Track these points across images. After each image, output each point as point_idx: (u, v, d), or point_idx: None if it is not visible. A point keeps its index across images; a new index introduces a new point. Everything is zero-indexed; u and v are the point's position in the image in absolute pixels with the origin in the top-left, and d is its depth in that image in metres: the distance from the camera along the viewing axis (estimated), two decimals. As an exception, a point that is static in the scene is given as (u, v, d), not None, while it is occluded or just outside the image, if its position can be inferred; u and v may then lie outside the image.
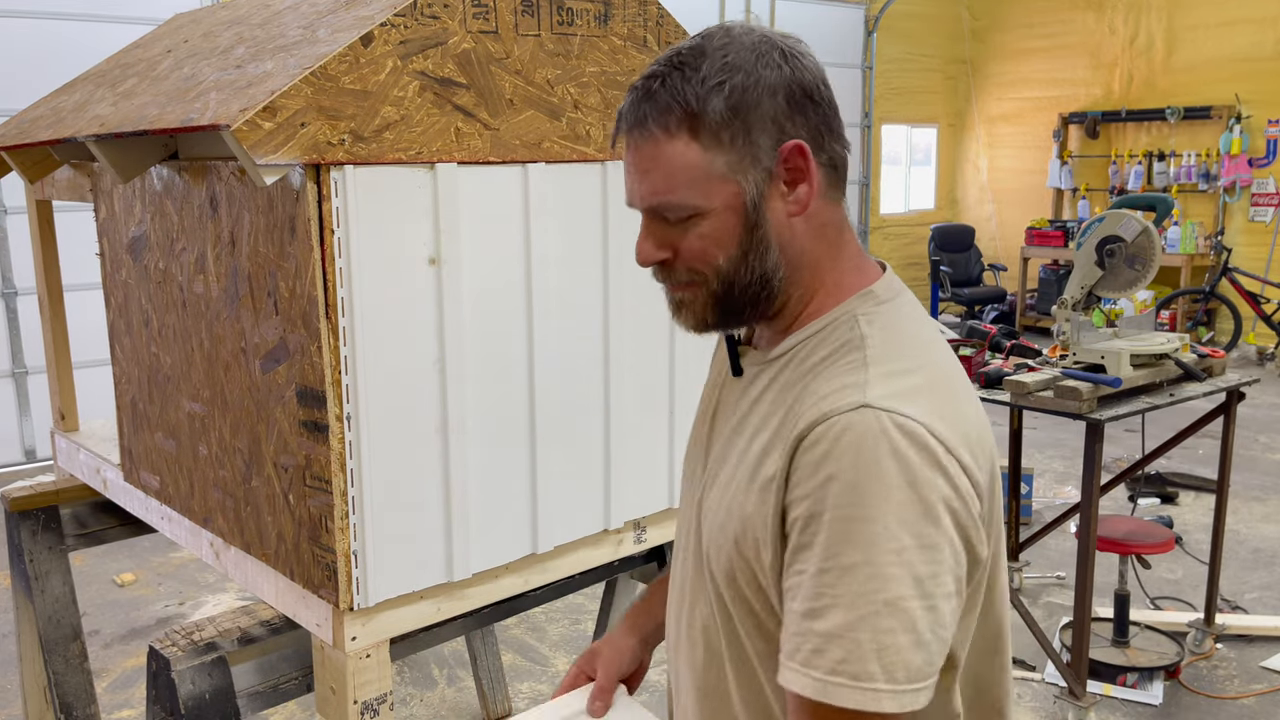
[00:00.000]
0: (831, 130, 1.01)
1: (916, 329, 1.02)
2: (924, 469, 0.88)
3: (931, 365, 0.98)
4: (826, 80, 1.01)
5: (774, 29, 1.02)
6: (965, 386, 1.00)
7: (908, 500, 0.87)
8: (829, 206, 1.02)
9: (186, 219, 1.83)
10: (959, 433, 0.92)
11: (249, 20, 2.04)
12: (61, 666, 2.57)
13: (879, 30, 10.26)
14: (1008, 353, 3.51)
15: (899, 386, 0.92)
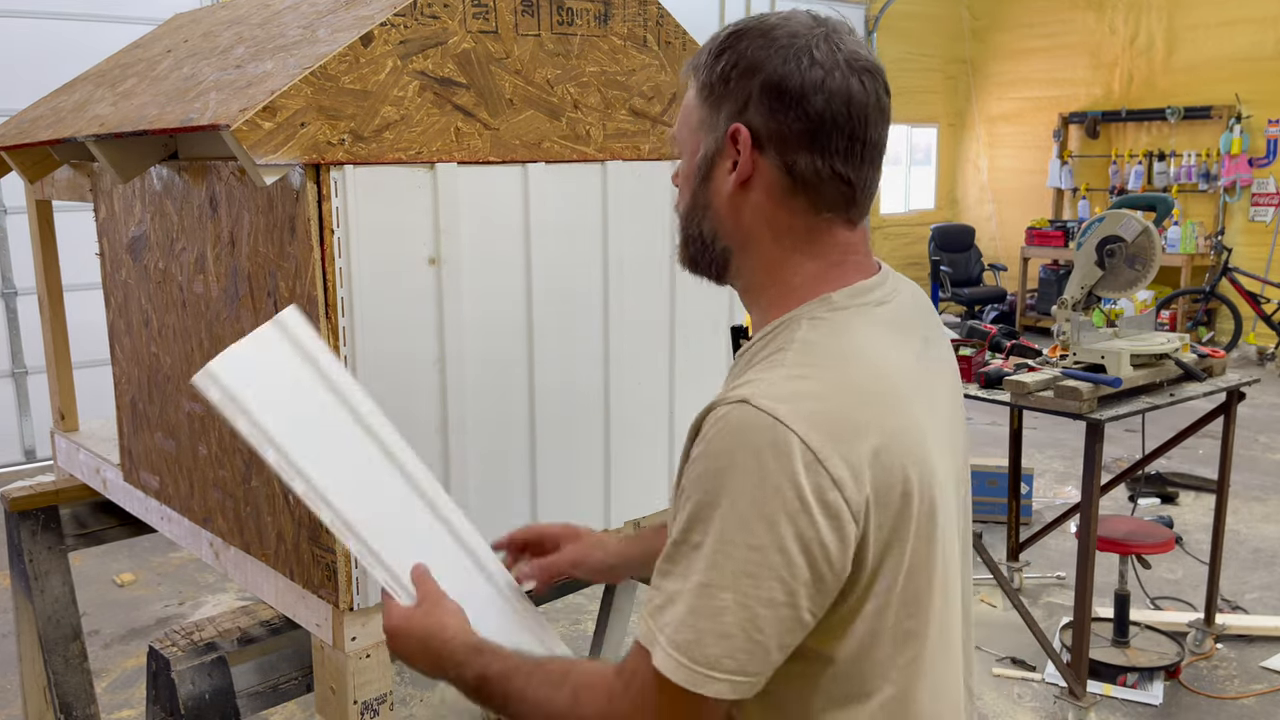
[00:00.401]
0: (812, 144, 0.99)
1: (850, 341, 1.00)
2: (776, 474, 0.89)
3: (842, 377, 0.96)
4: (859, 102, 0.99)
5: (850, 42, 1.01)
6: (881, 402, 0.96)
7: (751, 500, 0.89)
8: (793, 214, 1.03)
9: (186, 219, 1.83)
10: (843, 446, 0.91)
11: (249, 20, 2.04)
12: (61, 666, 2.57)
13: (879, 30, 10.26)
14: (1008, 353, 3.51)
15: (789, 390, 0.93)
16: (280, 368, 1.25)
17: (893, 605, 0.98)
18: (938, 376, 1.09)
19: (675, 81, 2.04)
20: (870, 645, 0.99)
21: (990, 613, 4.11)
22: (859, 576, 0.95)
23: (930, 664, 1.04)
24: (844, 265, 1.05)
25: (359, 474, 1.28)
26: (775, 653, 0.93)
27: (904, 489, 0.95)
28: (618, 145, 1.95)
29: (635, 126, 1.98)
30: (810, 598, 0.92)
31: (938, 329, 1.15)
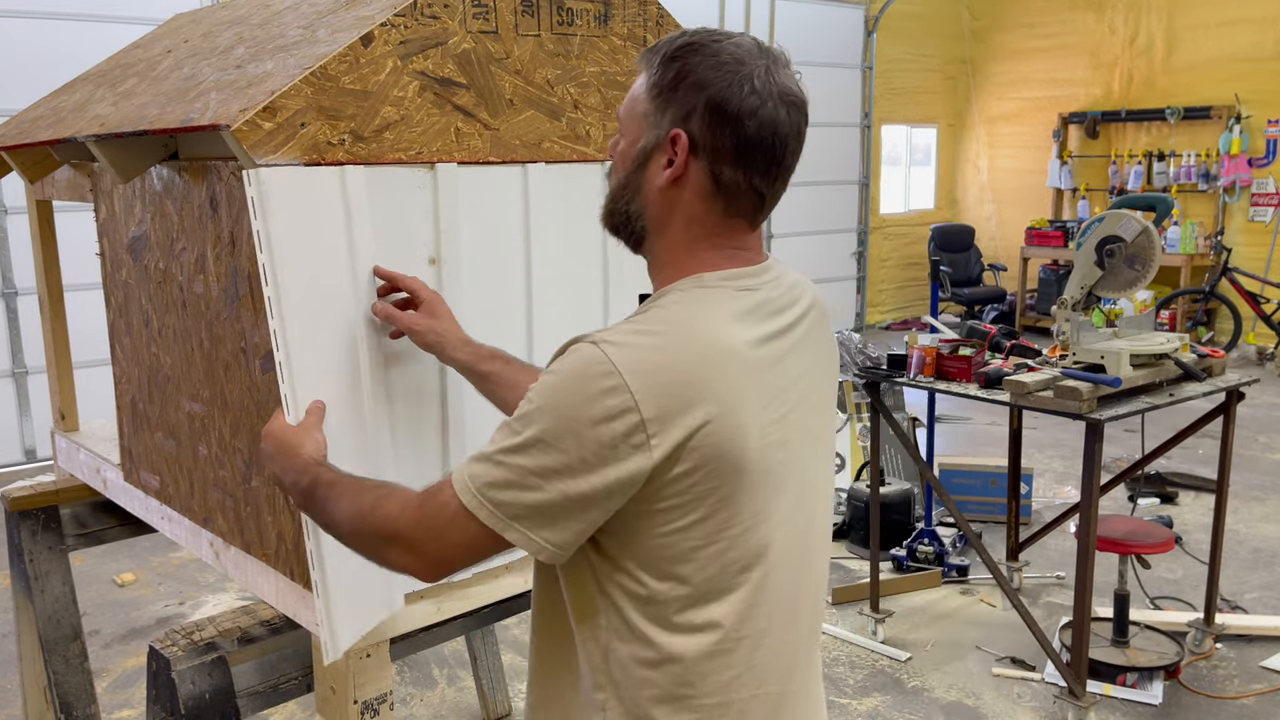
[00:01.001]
0: (738, 160, 1.16)
1: (698, 311, 1.16)
2: (591, 398, 1.07)
3: (676, 338, 1.12)
4: (783, 132, 1.16)
5: (784, 75, 1.17)
6: (706, 364, 1.10)
7: (567, 414, 1.08)
8: (708, 213, 1.19)
9: (186, 219, 1.83)
10: (659, 391, 1.07)
11: (249, 20, 2.04)
12: (61, 666, 2.57)
13: (879, 30, 10.27)
14: (1008, 353, 3.51)
15: (627, 339, 1.11)
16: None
17: (707, 543, 1.14)
18: (795, 361, 1.22)
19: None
20: (678, 578, 1.14)
21: (990, 612, 4.11)
22: (651, 505, 1.11)
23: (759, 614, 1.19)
24: (733, 258, 1.21)
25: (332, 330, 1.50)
26: (569, 534, 1.12)
27: (725, 451, 1.10)
28: (618, 145, 1.95)
29: (635, 127, 1.98)
30: (599, 505, 1.10)
31: (813, 323, 1.28)
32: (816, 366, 1.27)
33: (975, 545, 3.54)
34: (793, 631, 1.24)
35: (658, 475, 1.09)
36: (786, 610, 1.22)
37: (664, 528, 1.13)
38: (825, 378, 1.30)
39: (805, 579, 1.26)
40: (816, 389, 1.27)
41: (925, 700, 3.47)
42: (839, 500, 4.97)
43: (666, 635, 1.16)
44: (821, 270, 10.23)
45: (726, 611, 1.17)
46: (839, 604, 4.20)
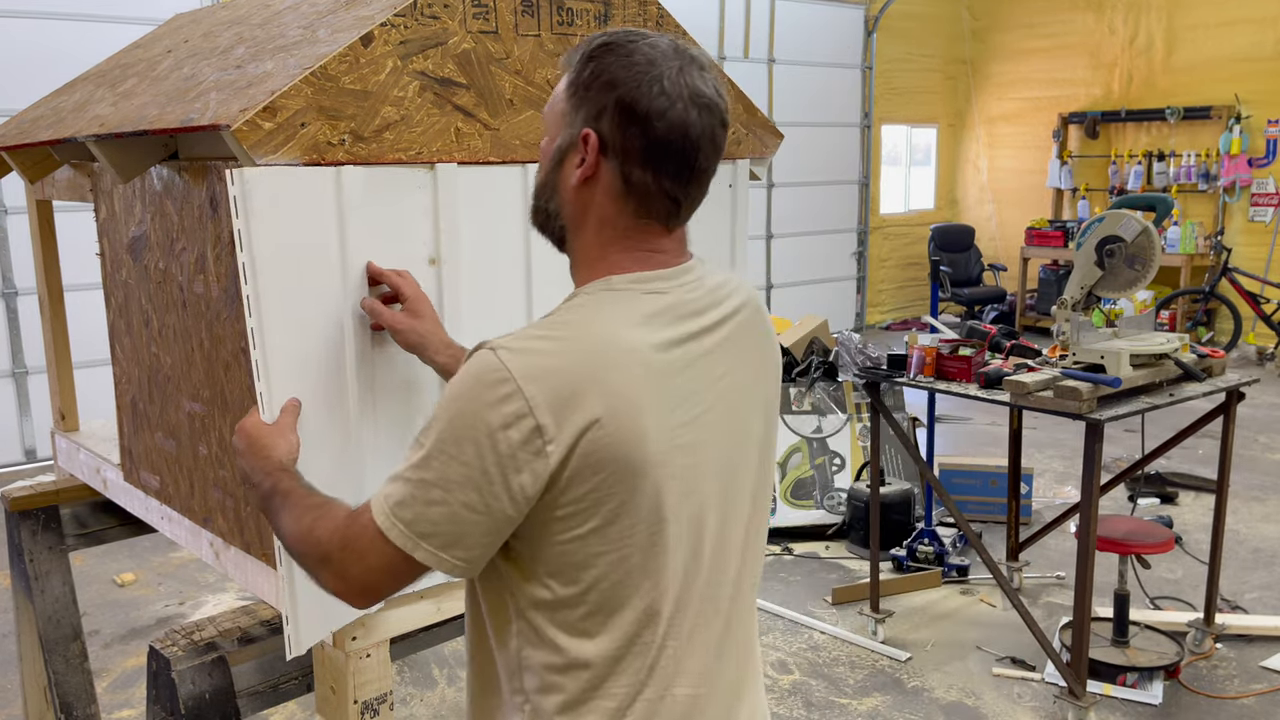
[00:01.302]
0: (647, 161, 1.15)
1: (601, 313, 1.15)
2: (487, 406, 1.07)
3: (569, 338, 1.12)
4: (693, 135, 1.15)
5: (699, 77, 1.15)
6: (603, 367, 1.10)
7: (464, 422, 1.08)
8: (620, 214, 1.18)
9: (186, 219, 1.83)
10: (553, 397, 1.07)
11: (249, 20, 2.04)
12: (61, 666, 2.57)
13: (879, 30, 10.27)
14: (1008, 353, 3.52)
15: (526, 344, 1.10)
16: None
17: (607, 550, 1.13)
18: (713, 363, 1.21)
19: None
20: (577, 579, 1.14)
21: (990, 612, 4.11)
22: (544, 507, 1.11)
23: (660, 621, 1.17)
24: (646, 261, 1.20)
25: (317, 327, 1.51)
26: (476, 548, 1.12)
27: (619, 454, 1.09)
28: (618, 145, 1.95)
29: (635, 127, 1.98)
30: (503, 513, 1.10)
31: (743, 325, 1.26)
32: (743, 367, 1.25)
33: (975, 545, 3.54)
34: (707, 633, 1.23)
35: (555, 481, 1.09)
36: (699, 613, 1.21)
37: (566, 535, 1.12)
38: (757, 379, 1.28)
39: (722, 580, 1.24)
40: (742, 390, 1.25)
41: (925, 700, 3.47)
42: (839, 500, 4.97)
43: (573, 641, 1.16)
44: (821, 270, 10.23)
45: (632, 617, 1.16)
46: (839, 604, 4.20)
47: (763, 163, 2.28)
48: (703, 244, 2.16)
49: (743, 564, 1.28)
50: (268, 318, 1.50)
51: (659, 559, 1.16)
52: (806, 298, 9.94)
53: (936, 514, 4.73)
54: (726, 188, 2.20)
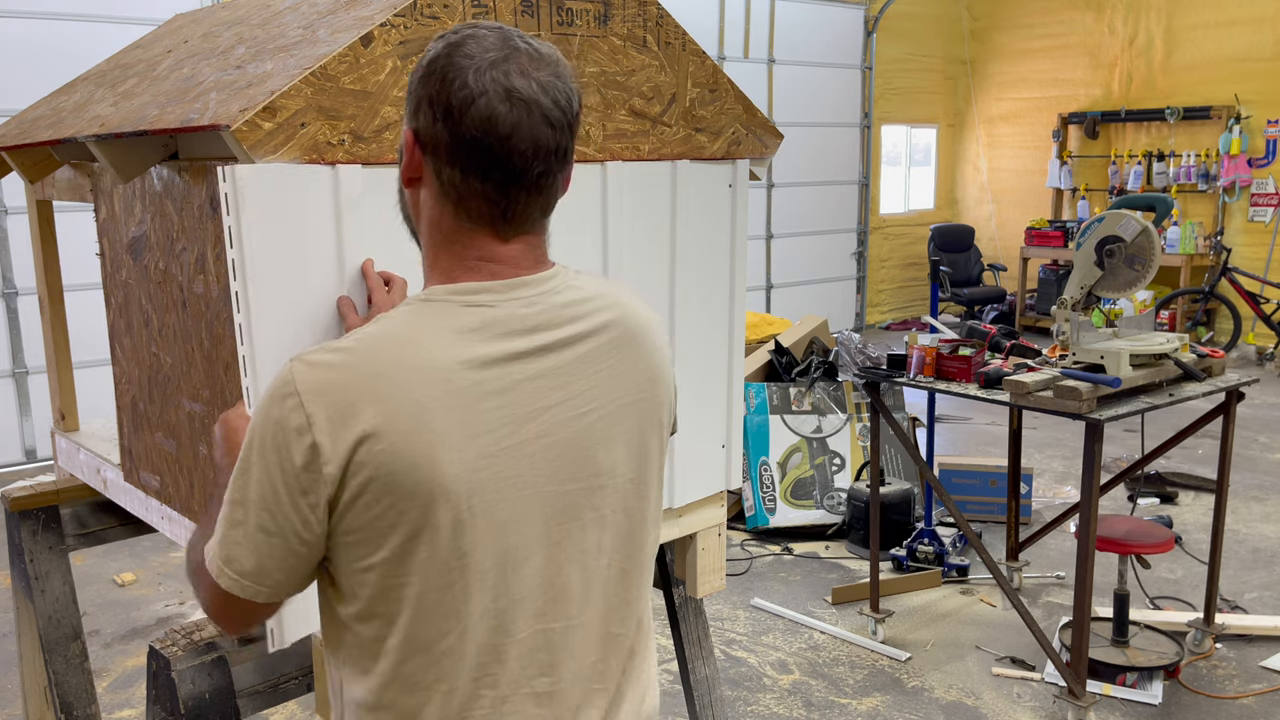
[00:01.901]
0: (454, 159, 1.08)
1: (406, 326, 1.08)
2: (276, 425, 1.03)
3: (360, 351, 1.05)
4: (501, 132, 1.05)
5: (519, 73, 1.06)
6: (391, 386, 1.03)
7: (259, 442, 1.05)
8: (443, 216, 1.12)
9: (187, 219, 1.83)
10: (334, 414, 1.01)
11: (249, 20, 2.04)
12: (62, 666, 2.57)
13: (879, 30, 10.27)
14: (1007, 353, 3.52)
15: (321, 358, 1.05)
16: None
17: (406, 578, 1.05)
18: (545, 386, 1.10)
19: (675, 82, 2.05)
20: (382, 609, 1.07)
21: (990, 612, 4.11)
22: (335, 538, 1.06)
23: (467, 652, 1.09)
24: (475, 270, 1.11)
25: (311, 325, 1.50)
26: (276, 573, 1.06)
27: (398, 473, 1.02)
28: (617, 146, 1.96)
29: (635, 127, 1.98)
30: (295, 533, 1.04)
31: (602, 348, 1.16)
32: (598, 396, 1.14)
33: (975, 545, 3.54)
34: (535, 687, 1.13)
35: (336, 503, 1.03)
36: (525, 666, 1.12)
37: (359, 564, 1.06)
38: (624, 410, 1.17)
39: (559, 630, 1.13)
40: (590, 422, 1.14)
41: (925, 700, 3.47)
42: (839, 500, 4.97)
43: (378, 682, 1.09)
44: (821, 270, 10.23)
45: (433, 662, 1.08)
46: (839, 604, 4.20)
47: (763, 163, 2.29)
48: (702, 244, 2.17)
49: (606, 611, 1.18)
50: (256, 314, 1.50)
51: (462, 601, 1.07)
52: (806, 298, 9.94)
53: (936, 514, 4.73)
54: (726, 188, 2.20)
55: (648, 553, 1.23)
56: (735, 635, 3.96)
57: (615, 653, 1.20)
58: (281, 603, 1.12)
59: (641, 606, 1.24)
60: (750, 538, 4.94)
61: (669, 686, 3.56)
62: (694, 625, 2.51)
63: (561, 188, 1.15)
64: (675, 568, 2.43)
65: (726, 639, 3.92)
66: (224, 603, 1.10)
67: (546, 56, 1.09)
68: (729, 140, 2.17)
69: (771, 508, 4.96)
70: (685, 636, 2.49)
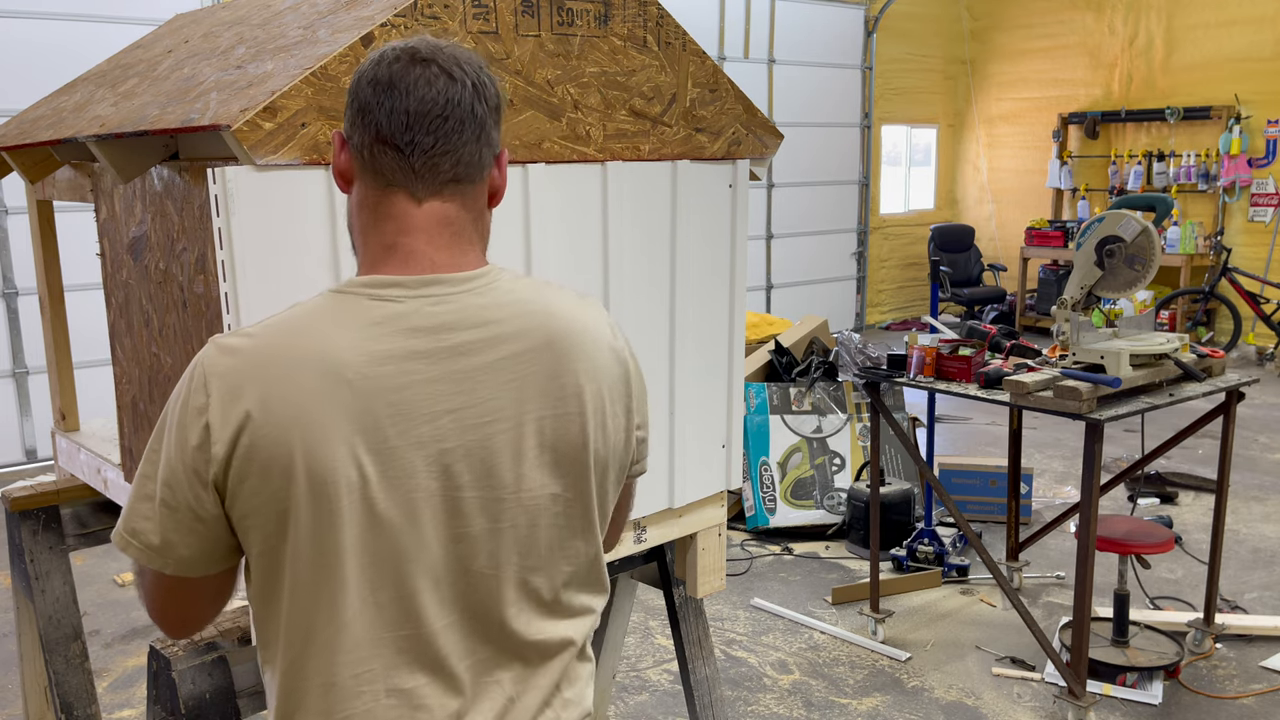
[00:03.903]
0: (355, 121, 1.12)
1: (308, 314, 1.09)
2: (182, 405, 1.07)
3: (261, 336, 1.07)
4: (384, 80, 1.10)
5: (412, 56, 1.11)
6: (278, 374, 1.05)
7: (168, 418, 1.08)
8: (366, 187, 1.14)
9: (187, 219, 1.83)
10: (226, 397, 1.04)
11: (249, 21, 2.04)
12: (62, 666, 2.57)
13: (879, 30, 10.27)
14: (1007, 353, 3.52)
15: (231, 342, 1.08)
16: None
17: (283, 567, 1.07)
18: (446, 389, 1.09)
19: (675, 82, 2.05)
20: (271, 597, 1.10)
21: (990, 612, 4.11)
22: (231, 518, 1.08)
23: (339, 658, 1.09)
24: (394, 250, 1.12)
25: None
26: (181, 547, 1.08)
27: (278, 459, 1.04)
28: (618, 146, 1.96)
29: (635, 127, 1.99)
30: (191, 509, 1.07)
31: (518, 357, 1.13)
32: (502, 403, 1.12)
33: (975, 545, 3.54)
34: (425, 681, 1.12)
35: (223, 483, 1.05)
36: (409, 662, 1.11)
37: (253, 548, 1.08)
38: (538, 419, 1.14)
39: (447, 628, 1.12)
40: (494, 433, 1.11)
41: (925, 700, 3.47)
42: (839, 500, 4.98)
43: (271, 670, 1.12)
44: (821, 270, 10.23)
45: (308, 659, 1.09)
46: (839, 604, 4.20)
47: (762, 163, 2.29)
48: (702, 244, 2.17)
49: (503, 620, 1.16)
50: (246, 316, 1.51)
51: (337, 594, 1.07)
52: (806, 298, 9.94)
53: (936, 514, 4.73)
54: (726, 188, 2.20)
55: (549, 573, 1.19)
56: (735, 635, 3.96)
57: (510, 662, 1.18)
58: (211, 600, 1.16)
59: (546, 628, 1.20)
60: (750, 538, 4.94)
61: (669, 686, 3.56)
62: (694, 625, 2.51)
63: (482, 161, 1.15)
64: (675, 568, 2.43)
65: (726, 639, 3.92)
66: (155, 591, 1.13)
67: (465, 55, 1.14)
68: (729, 140, 2.17)
69: (771, 508, 4.96)
70: (685, 636, 2.49)
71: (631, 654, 3.81)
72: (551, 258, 1.88)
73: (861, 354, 5.60)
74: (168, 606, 1.15)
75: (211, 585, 1.14)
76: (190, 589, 1.13)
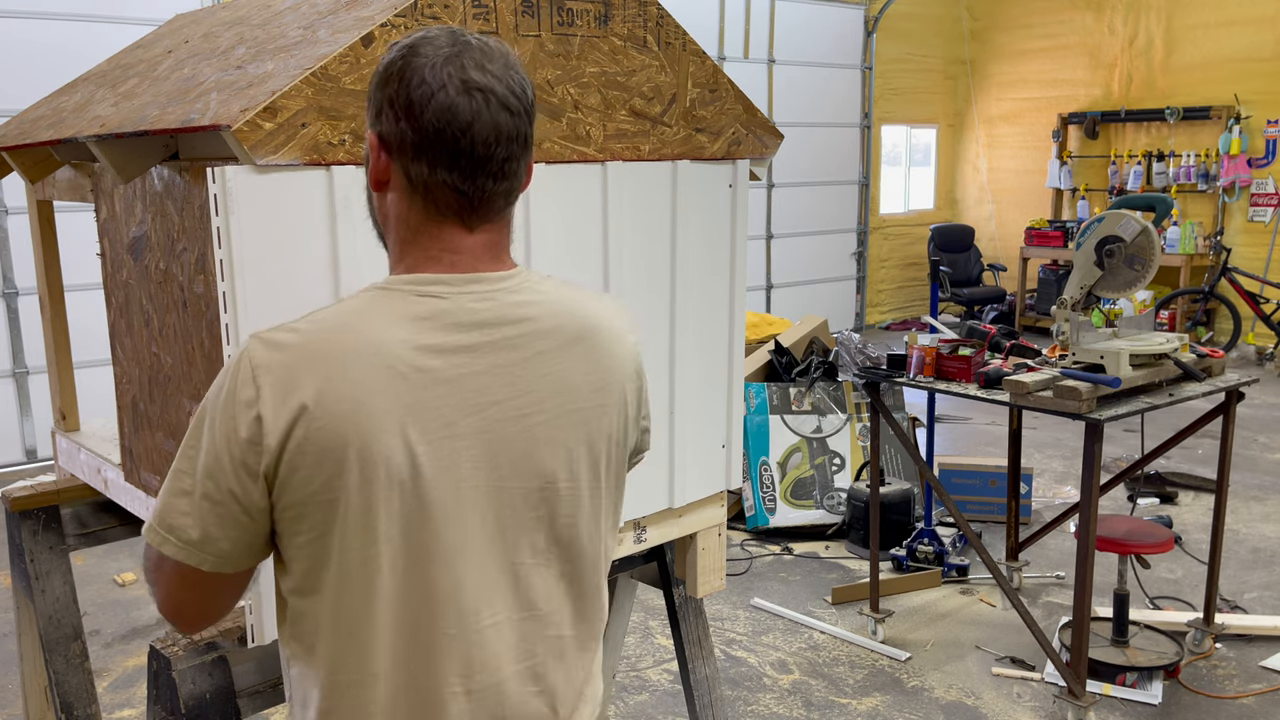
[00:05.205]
0: (420, 153, 1.10)
1: (359, 309, 1.10)
2: (229, 396, 1.06)
3: (312, 331, 1.08)
4: (462, 120, 1.08)
5: (474, 65, 1.10)
6: (334, 366, 1.05)
7: (211, 412, 1.08)
8: (411, 211, 1.14)
9: (187, 219, 1.83)
10: (279, 388, 1.04)
11: (249, 21, 2.05)
12: (62, 666, 2.57)
13: (879, 31, 10.27)
14: (1007, 353, 3.52)
15: (278, 336, 1.08)
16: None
17: (329, 557, 1.07)
18: (486, 383, 1.11)
19: (675, 82, 2.05)
20: (314, 588, 1.10)
21: (990, 612, 4.11)
22: (276, 513, 1.08)
23: (384, 649, 1.10)
24: (439, 260, 1.14)
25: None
26: (223, 541, 1.08)
27: (332, 449, 1.04)
28: (618, 146, 1.96)
29: (635, 127, 1.99)
30: (236, 500, 1.07)
31: (548, 352, 1.15)
32: (543, 400, 1.14)
33: (975, 545, 3.54)
34: (475, 678, 1.13)
35: (274, 476, 1.05)
36: (455, 658, 1.12)
37: (297, 537, 1.08)
38: (570, 412, 1.16)
39: (497, 626, 1.13)
40: (532, 425, 1.14)
41: (925, 700, 3.47)
42: (839, 500, 4.98)
43: (311, 660, 1.12)
44: (821, 270, 10.23)
45: (348, 649, 1.10)
46: (839, 604, 4.20)
47: (762, 163, 2.29)
48: (703, 244, 2.17)
49: (546, 613, 1.18)
50: (244, 315, 1.51)
51: (383, 584, 1.08)
52: (806, 298, 9.94)
53: (936, 514, 4.74)
54: (727, 188, 2.20)
55: (589, 561, 1.21)
56: (735, 635, 3.96)
57: (551, 655, 1.19)
58: (231, 593, 1.15)
59: (589, 615, 1.23)
60: (750, 538, 4.94)
61: (669, 686, 3.56)
62: (694, 625, 2.51)
63: (524, 176, 1.18)
64: (675, 567, 2.43)
65: (726, 639, 3.92)
66: (177, 586, 1.12)
67: (496, 50, 1.12)
68: (729, 140, 2.18)
69: (771, 508, 4.96)
70: (685, 636, 2.49)
71: (631, 654, 3.81)
72: (551, 258, 1.88)
73: (861, 354, 5.60)
74: (189, 601, 1.14)
75: (241, 580, 1.15)
76: (219, 584, 1.13)
